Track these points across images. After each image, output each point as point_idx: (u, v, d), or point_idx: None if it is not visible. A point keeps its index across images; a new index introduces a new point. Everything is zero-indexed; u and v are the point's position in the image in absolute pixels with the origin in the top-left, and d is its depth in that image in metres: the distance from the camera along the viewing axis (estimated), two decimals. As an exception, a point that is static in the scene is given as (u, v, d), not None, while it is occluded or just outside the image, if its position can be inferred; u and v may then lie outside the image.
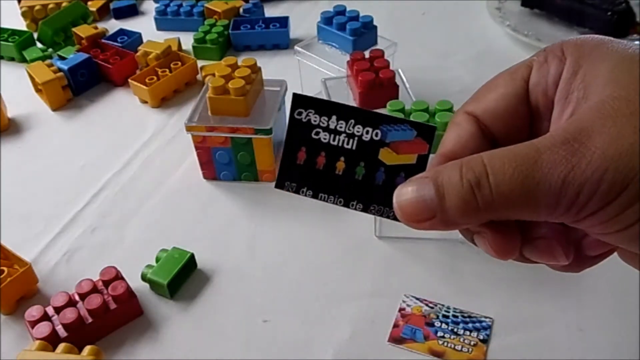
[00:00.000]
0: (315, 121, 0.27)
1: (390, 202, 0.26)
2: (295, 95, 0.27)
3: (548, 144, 0.23)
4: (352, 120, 0.26)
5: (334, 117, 0.27)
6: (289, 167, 0.27)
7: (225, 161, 0.55)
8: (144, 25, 0.83)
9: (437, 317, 0.43)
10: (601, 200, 0.23)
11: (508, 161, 0.24)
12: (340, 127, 0.27)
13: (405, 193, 0.26)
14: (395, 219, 0.26)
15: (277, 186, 0.27)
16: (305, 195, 0.27)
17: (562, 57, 0.27)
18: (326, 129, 0.27)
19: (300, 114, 0.27)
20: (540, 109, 0.27)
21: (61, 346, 0.40)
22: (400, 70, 0.55)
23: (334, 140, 0.26)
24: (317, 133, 0.27)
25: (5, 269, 0.46)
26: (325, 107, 0.27)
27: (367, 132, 0.26)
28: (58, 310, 0.42)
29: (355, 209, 0.26)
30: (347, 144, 0.26)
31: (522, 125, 0.27)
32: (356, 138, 0.26)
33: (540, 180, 0.23)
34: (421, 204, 0.25)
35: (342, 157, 0.26)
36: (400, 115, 0.43)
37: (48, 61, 0.73)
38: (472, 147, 0.27)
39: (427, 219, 0.25)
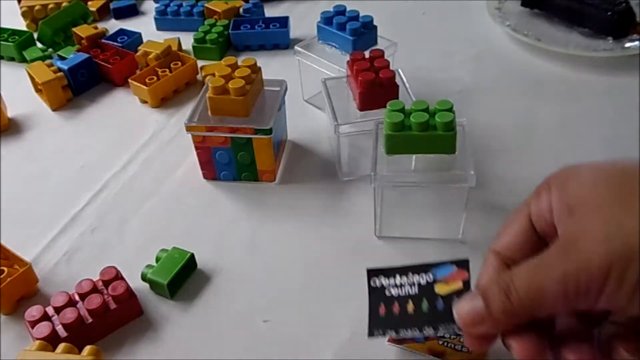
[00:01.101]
0: (385, 283, 0.36)
1: (452, 319, 0.33)
2: (368, 270, 0.37)
3: (547, 256, 0.32)
4: (410, 273, 0.36)
5: (397, 276, 0.36)
6: (375, 320, 0.35)
7: (225, 161, 0.55)
8: (144, 25, 0.83)
9: (437, 317, 0.43)
10: (596, 283, 0.30)
11: (525, 274, 0.33)
12: (403, 281, 0.36)
13: (463, 307, 0.34)
14: (458, 333, 0.35)
15: (369, 336, 0.35)
16: (390, 335, 0.34)
17: (549, 189, 0.35)
18: (394, 286, 0.36)
19: (374, 282, 0.36)
20: (546, 232, 0.35)
21: (61, 346, 0.40)
22: (400, 70, 0.55)
23: (401, 291, 0.35)
24: (389, 291, 0.36)
25: (5, 269, 0.46)
26: (390, 271, 0.36)
27: (422, 277, 0.35)
28: (58, 310, 0.42)
29: (428, 333, 0.34)
30: (411, 290, 0.35)
31: (534, 248, 0.35)
32: (416, 284, 0.35)
33: (547, 284, 0.31)
34: (475, 312, 0.33)
35: (410, 300, 0.35)
36: (401, 116, 0.43)
37: (48, 61, 0.73)
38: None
39: (480, 323, 0.33)
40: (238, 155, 0.54)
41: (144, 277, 0.46)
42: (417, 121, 0.43)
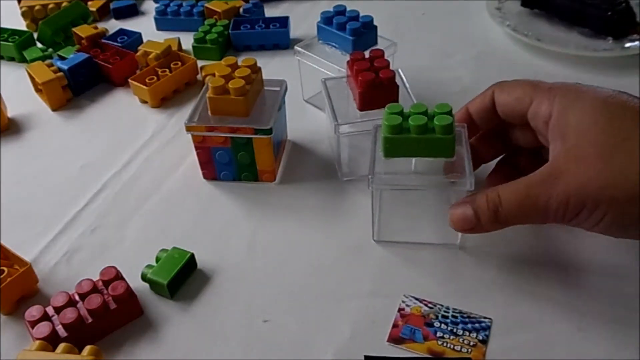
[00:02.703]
0: None
1: None
2: (366, 357, 0.40)
3: (536, 181, 0.39)
4: None
5: None
6: None
7: (225, 161, 0.55)
8: (144, 25, 0.83)
9: (437, 317, 0.43)
10: (571, 214, 0.38)
11: (513, 194, 0.40)
12: None
13: (456, 212, 0.43)
14: None
15: None
16: None
17: (553, 99, 0.40)
18: None
19: None
20: (540, 131, 0.43)
21: (61, 346, 0.40)
22: (400, 70, 0.55)
23: None
24: None
25: (5, 269, 0.46)
26: None
27: None
28: (58, 310, 0.42)
29: None
30: None
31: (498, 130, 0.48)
32: None
33: (532, 206, 0.39)
34: (466, 219, 0.42)
35: None
36: (399, 118, 0.43)
37: (48, 61, 0.73)
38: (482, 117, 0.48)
39: (470, 228, 0.42)
40: (238, 155, 0.54)
41: (144, 277, 0.46)
42: (415, 124, 0.43)
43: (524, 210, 0.39)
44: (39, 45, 0.80)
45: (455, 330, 0.42)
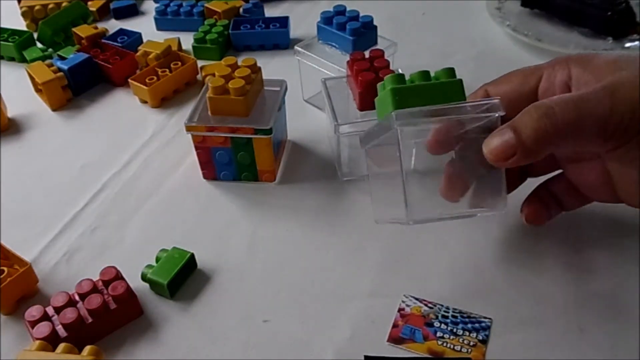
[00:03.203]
0: None
1: None
2: (366, 357, 0.38)
3: (590, 93, 0.35)
4: None
5: None
6: None
7: (225, 161, 0.55)
8: (144, 25, 0.83)
9: (437, 317, 0.43)
10: (632, 130, 0.34)
11: (569, 100, 0.35)
12: None
13: (491, 141, 0.37)
14: None
15: None
16: None
17: (566, 65, 0.38)
18: None
19: None
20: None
21: (61, 346, 0.40)
22: (400, 70, 0.54)
23: None
24: None
25: (5, 269, 0.46)
26: None
27: None
28: (58, 310, 0.42)
29: None
30: None
31: (519, 110, 0.37)
32: None
33: (591, 112, 0.34)
34: (505, 145, 0.36)
35: None
36: (402, 77, 0.42)
37: (48, 61, 0.73)
38: None
39: (511, 155, 0.36)
40: (238, 155, 0.54)
41: (144, 277, 0.46)
42: (418, 76, 0.41)
43: (581, 116, 0.34)
44: (39, 45, 0.80)
45: (455, 330, 0.42)
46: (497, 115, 0.38)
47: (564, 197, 0.45)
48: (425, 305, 0.44)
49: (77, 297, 0.43)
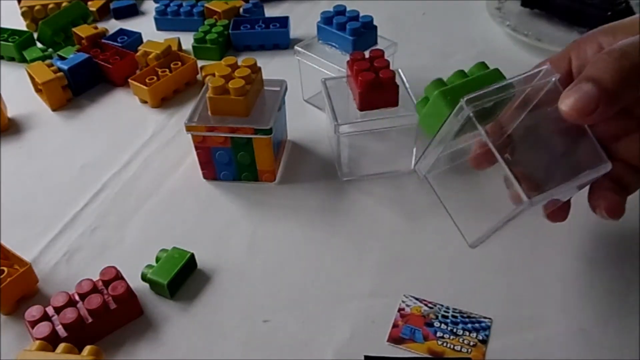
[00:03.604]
0: None
1: None
2: (366, 357, 0.38)
3: None
4: None
5: None
6: None
7: (225, 161, 0.55)
8: (144, 25, 0.83)
9: (437, 317, 0.43)
10: None
11: (635, 41, 0.34)
12: None
13: (568, 99, 0.34)
14: None
15: None
16: None
17: (595, 39, 0.38)
18: None
19: None
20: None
21: (61, 346, 0.40)
22: (400, 70, 0.55)
23: None
24: None
25: (5, 269, 0.46)
26: None
27: None
28: (58, 310, 0.42)
29: None
30: None
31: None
32: None
33: None
34: (585, 96, 0.33)
35: None
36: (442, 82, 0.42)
37: (48, 61, 0.73)
38: None
39: (594, 108, 0.33)
40: (238, 155, 0.54)
41: (144, 277, 0.46)
42: (456, 76, 0.41)
43: None
44: (39, 45, 0.80)
45: (455, 330, 0.42)
46: (553, 79, 0.37)
47: (625, 179, 0.40)
48: (425, 305, 0.44)
49: (77, 297, 0.43)
